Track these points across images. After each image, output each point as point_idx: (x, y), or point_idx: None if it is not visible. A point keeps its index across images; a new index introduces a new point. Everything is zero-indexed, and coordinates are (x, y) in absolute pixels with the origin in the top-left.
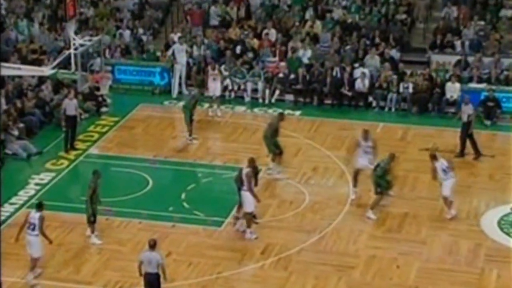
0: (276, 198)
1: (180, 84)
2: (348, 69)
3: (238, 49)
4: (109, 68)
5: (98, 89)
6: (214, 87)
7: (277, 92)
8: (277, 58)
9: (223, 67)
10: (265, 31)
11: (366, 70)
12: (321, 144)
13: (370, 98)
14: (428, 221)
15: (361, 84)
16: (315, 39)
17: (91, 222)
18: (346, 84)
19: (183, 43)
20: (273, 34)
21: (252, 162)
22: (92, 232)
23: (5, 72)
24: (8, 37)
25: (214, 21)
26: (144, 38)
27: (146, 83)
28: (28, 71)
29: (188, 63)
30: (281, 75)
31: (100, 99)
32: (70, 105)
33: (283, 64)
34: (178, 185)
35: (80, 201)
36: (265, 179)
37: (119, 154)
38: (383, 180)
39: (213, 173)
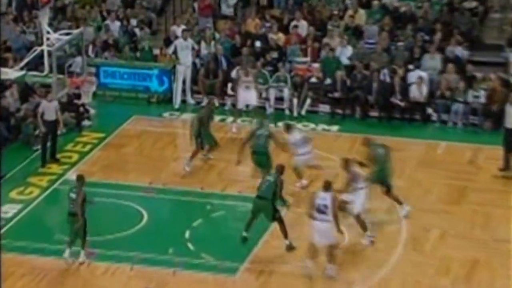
0: (306, 239)
1: (184, 91)
2: (400, 72)
3: (259, 45)
4: (93, 69)
5: (78, 96)
6: (248, 98)
7: (309, 101)
8: (308, 58)
9: (236, 69)
10: (293, 23)
11: (423, 74)
12: (365, 168)
13: (429, 110)
14: (504, 269)
15: (417, 92)
16: (357, 33)
17: (84, 236)
18: (398, 92)
19: (188, 38)
20: (303, 26)
21: (330, 185)
22: (83, 247)
23: None
24: None
25: (227, 10)
26: (138, 31)
27: (141, 89)
28: None
29: (194, 63)
30: (313, 79)
31: (81, 109)
32: (50, 109)
33: (316, 65)
34: (181, 221)
35: (54, 241)
36: (291, 215)
37: (105, 180)
38: None
39: (225, 205)
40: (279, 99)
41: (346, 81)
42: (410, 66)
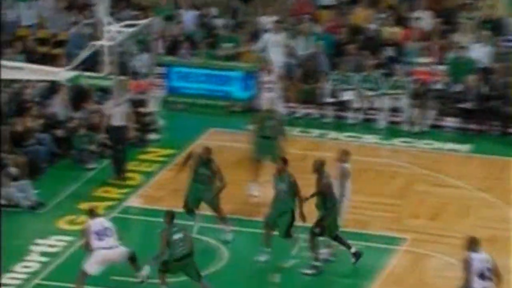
0: None
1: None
2: None
3: (374, 28)
4: (162, 70)
5: (142, 103)
6: None
7: (432, 113)
8: (432, 59)
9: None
10: (414, 14)
11: None
12: (505, 200)
13: None
14: None
15: None
16: (497, 26)
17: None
18: None
19: (281, 32)
20: (427, 18)
21: (478, 242)
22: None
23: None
24: (4, 18)
25: None
26: (218, 22)
27: (220, 95)
28: (33, 73)
29: (288, 64)
30: (439, 86)
31: (147, 119)
32: (117, 113)
33: (442, 68)
34: (272, 260)
35: (111, 284)
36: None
37: (174, 207)
38: None
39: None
40: (395, 110)
41: (481, 88)
42: None
